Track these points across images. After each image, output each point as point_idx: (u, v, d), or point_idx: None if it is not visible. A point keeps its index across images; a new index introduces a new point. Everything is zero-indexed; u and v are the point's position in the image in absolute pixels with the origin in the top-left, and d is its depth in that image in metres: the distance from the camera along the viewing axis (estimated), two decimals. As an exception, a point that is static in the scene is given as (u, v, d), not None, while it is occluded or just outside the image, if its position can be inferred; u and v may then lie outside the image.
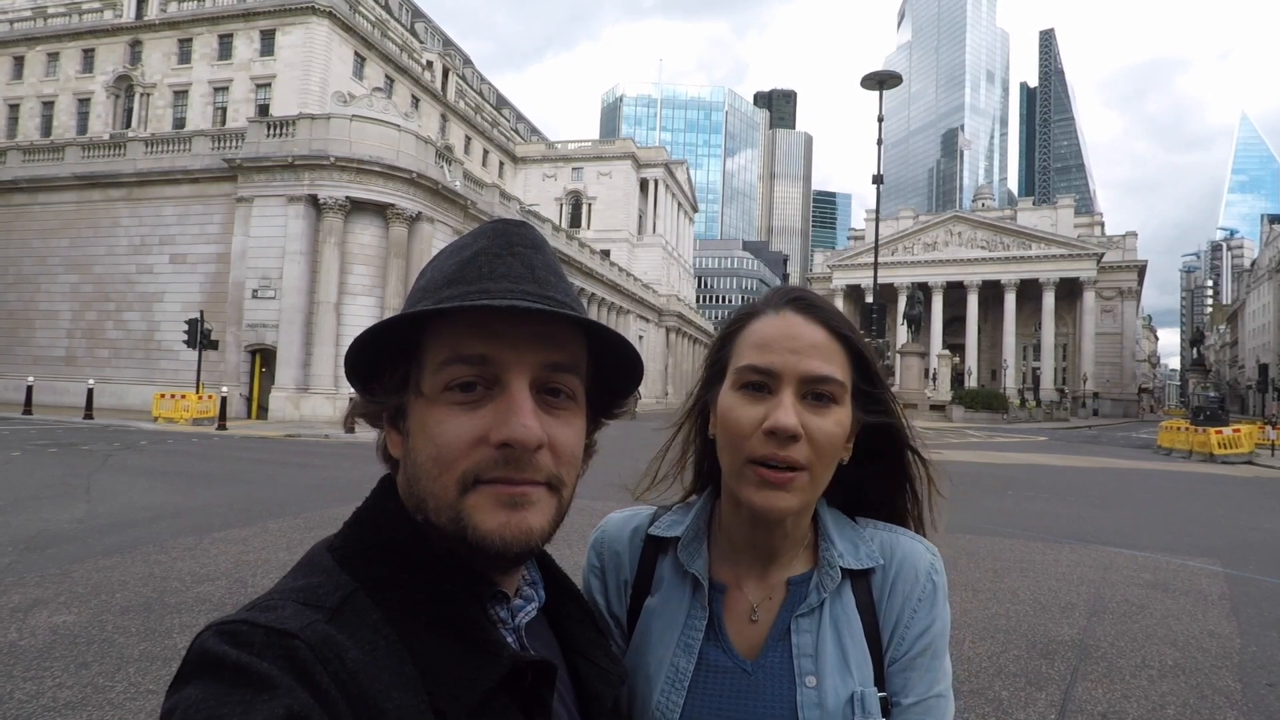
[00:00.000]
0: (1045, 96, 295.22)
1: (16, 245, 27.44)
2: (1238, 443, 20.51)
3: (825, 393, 0.81)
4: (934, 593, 0.83)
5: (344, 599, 0.57)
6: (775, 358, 0.81)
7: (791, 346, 0.81)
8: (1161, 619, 5.15)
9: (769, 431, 0.78)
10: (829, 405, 0.81)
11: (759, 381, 0.81)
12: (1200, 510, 11.01)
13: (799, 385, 0.80)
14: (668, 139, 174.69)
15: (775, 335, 0.83)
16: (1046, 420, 48.26)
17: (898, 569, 0.84)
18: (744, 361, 0.83)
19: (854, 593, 0.84)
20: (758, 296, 0.95)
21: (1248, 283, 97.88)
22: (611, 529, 0.97)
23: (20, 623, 4.24)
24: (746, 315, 0.88)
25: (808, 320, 0.84)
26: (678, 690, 0.83)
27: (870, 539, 0.87)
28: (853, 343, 0.84)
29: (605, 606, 0.94)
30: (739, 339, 0.86)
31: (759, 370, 0.81)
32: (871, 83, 19.16)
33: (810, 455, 0.79)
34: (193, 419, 19.90)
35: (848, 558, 0.84)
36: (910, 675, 0.80)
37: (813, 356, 0.81)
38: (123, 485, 9.43)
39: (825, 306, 0.87)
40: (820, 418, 0.80)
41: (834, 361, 0.82)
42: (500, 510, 0.60)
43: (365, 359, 0.66)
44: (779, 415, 0.78)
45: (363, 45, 43.76)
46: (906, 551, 0.86)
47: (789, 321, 0.84)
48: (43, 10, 48.14)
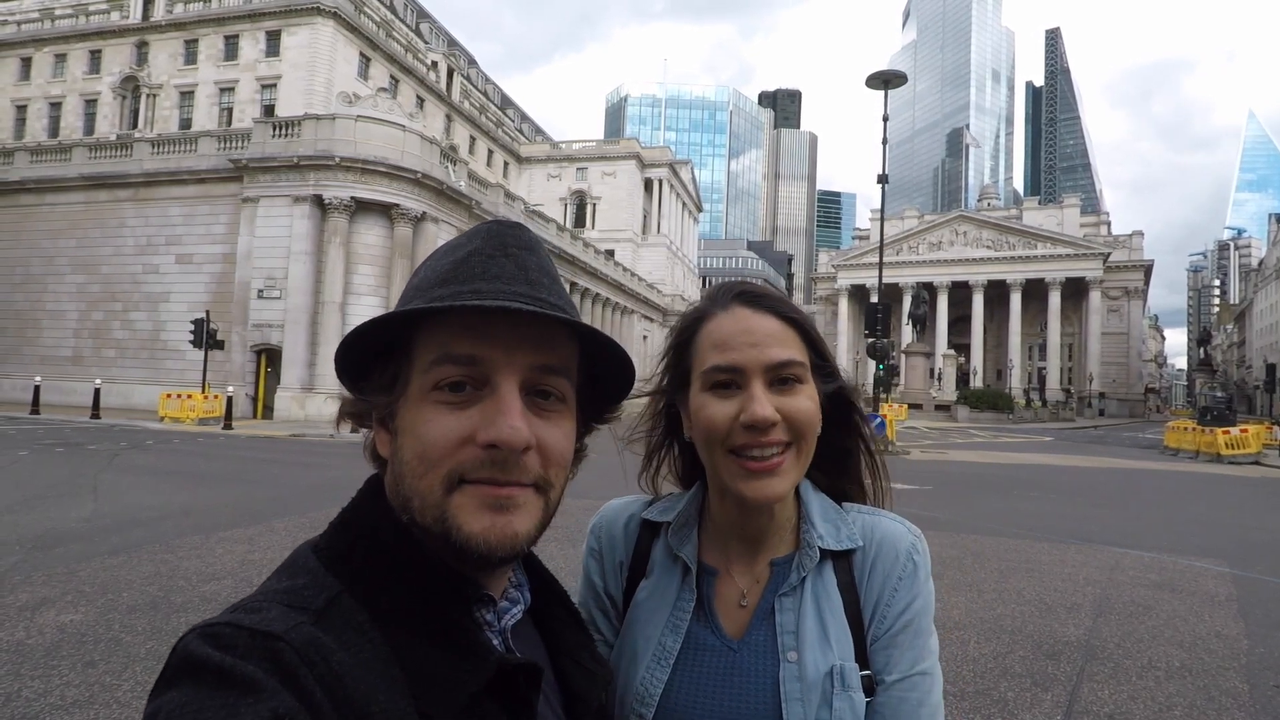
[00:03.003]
0: (1051, 96, 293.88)
1: (24, 245, 27.59)
2: (1245, 443, 20.40)
3: (790, 375, 0.84)
4: (914, 571, 0.85)
5: (329, 601, 0.57)
6: (737, 354, 0.84)
7: (749, 340, 0.84)
8: (1168, 620, 5.13)
9: (747, 425, 0.81)
10: (796, 385, 0.85)
11: (726, 380, 0.84)
12: (1207, 511, 10.96)
13: (765, 374, 0.83)
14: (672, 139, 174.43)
15: (732, 332, 0.85)
16: (1052, 420, 48.09)
17: (878, 548, 0.87)
18: (708, 364, 0.85)
19: (835, 573, 0.86)
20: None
21: (1255, 282, 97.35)
22: (610, 514, 1.00)
23: (28, 621, 4.26)
24: (697, 319, 0.90)
25: (757, 312, 0.87)
26: (662, 667, 0.86)
27: (853, 522, 0.89)
28: (801, 325, 0.88)
29: (602, 588, 0.96)
30: (696, 342, 0.89)
31: (724, 369, 0.84)
32: (876, 82, 19.10)
33: (791, 434, 0.83)
34: (198, 419, 19.99)
35: (828, 539, 0.87)
36: (893, 653, 0.82)
37: (771, 345, 0.84)
38: (129, 485, 9.48)
39: (771, 294, 0.90)
40: (792, 398, 0.83)
41: (791, 345, 0.86)
42: (485, 513, 0.60)
43: (355, 357, 0.65)
44: (754, 408, 0.81)
45: (368, 46, 43.84)
46: (887, 531, 0.88)
47: (740, 316, 0.87)
48: (50, 12, 48.37)
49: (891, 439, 19.18)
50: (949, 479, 13.71)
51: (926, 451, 20.35)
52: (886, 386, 25.36)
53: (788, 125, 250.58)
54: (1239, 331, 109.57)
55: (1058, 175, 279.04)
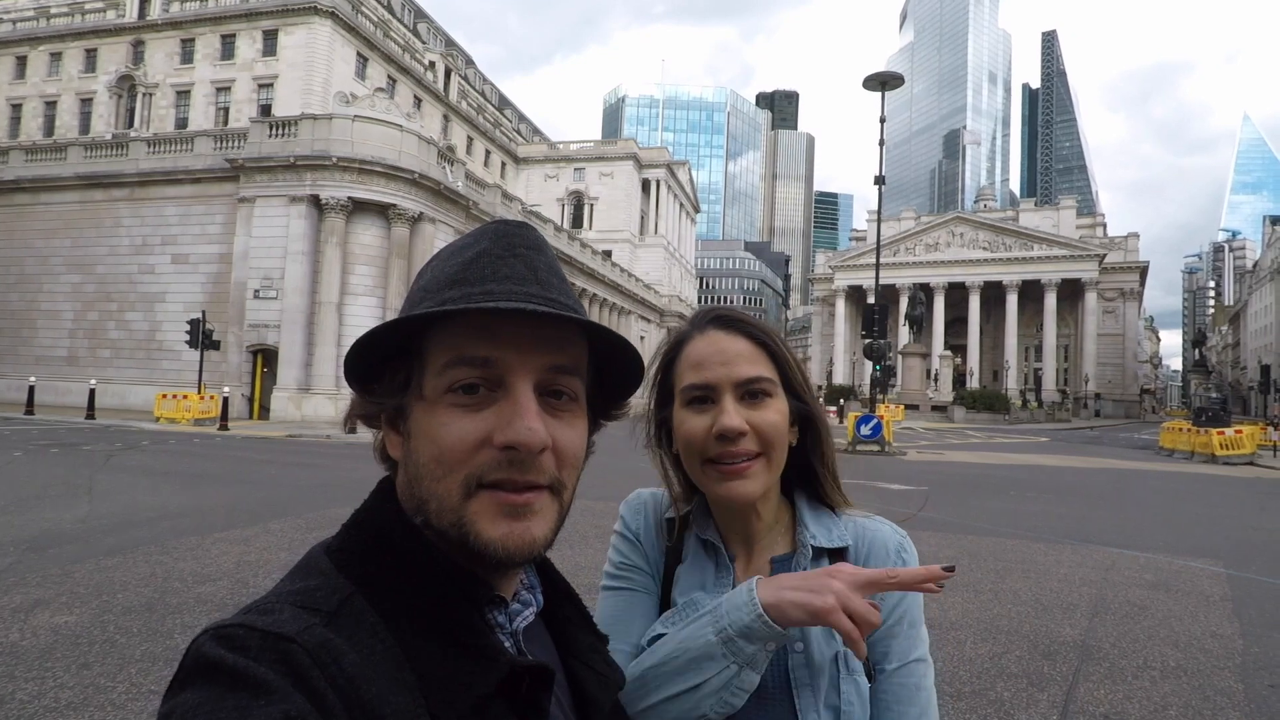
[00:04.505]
0: (1047, 98, 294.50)
1: (19, 245, 27.47)
2: (1240, 444, 20.48)
3: (759, 389, 0.93)
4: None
5: (342, 602, 0.57)
6: (709, 373, 0.94)
7: (721, 359, 0.94)
8: (1163, 620, 5.15)
9: (719, 435, 0.90)
10: (764, 399, 0.93)
11: (701, 395, 0.94)
12: (1202, 511, 10.99)
13: (735, 389, 0.93)
14: (670, 139, 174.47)
15: (706, 353, 0.95)
16: (1048, 421, 48.21)
17: (869, 549, 0.96)
18: (685, 382, 0.95)
19: None
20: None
21: (1250, 284, 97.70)
22: (643, 497, 1.08)
23: (22, 623, 4.24)
24: (678, 342, 1.00)
25: (729, 334, 0.96)
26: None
27: (845, 526, 0.98)
28: (770, 345, 0.97)
29: (642, 553, 1.02)
30: (678, 364, 0.98)
31: (699, 387, 0.94)
32: (874, 84, 19.13)
33: (759, 444, 0.92)
34: (194, 419, 19.93)
35: (820, 538, 0.96)
36: (890, 643, 0.91)
37: (740, 363, 0.94)
38: (124, 485, 9.45)
39: (744, 319, 0.99)
40: (760, 411, 0.93)
41: (759, 364, 0.95)
42: (503, 520, 0.61)
43: (365, 360, 0.65)
44: (723, 420, 0.90)
45: (365, 45, 43.78)
46: (877, 533, 0.97)
47: (714, 339, 0.96)
48: (45, 10, 48.22)
49: (888, 440, 19.24)
50: (945, 480, 13.74)
51: (923, 452, 20.38)
52: (883, 387, 25.41)
53: (785, 126, 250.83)
54: (1234, 333, 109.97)
55: (1054, 177, 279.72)
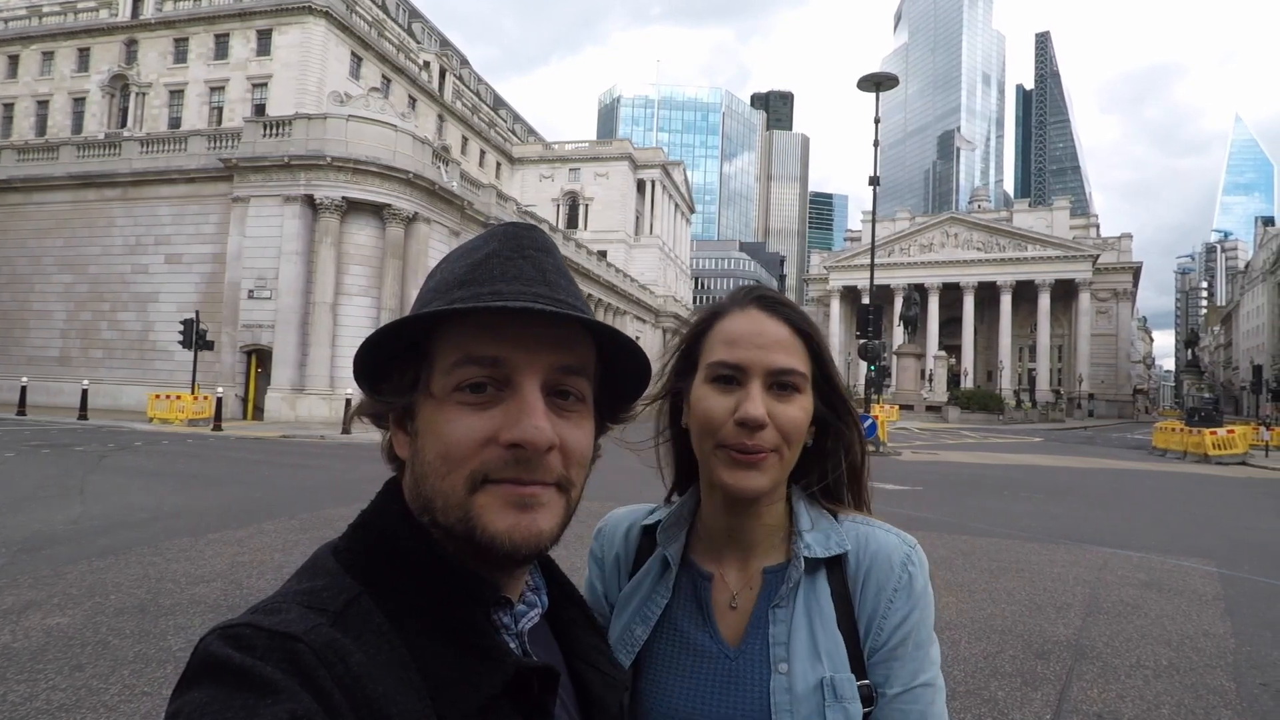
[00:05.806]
0: (1041, 99, 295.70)
1: (11, 245, 27.31)
2: (1232, 443, 20.61)
3: (789, 383, 0.86)
4: (909, 583, 0.86)
5: (348, 603, 0.57)
6: (743, 353, 0.86)
7: (758, 342, 0.87)
8: (1156, 619, 5.17)
9: (740, 422, 0.84)
10: (793, 394, 0.87)
11: (729, 375, 0.87)
12: (1195, 511, 11.05)
13: (765, 377, 0.86)
14: (665, 140, 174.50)
15: (743, 332, 0.88)
16: (1042, 421, 48.40)
17: (871, 560, 0.87)
18: (715, 357, 0.88)
19: (829, 583, 0.87)
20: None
21: (1242, 284, 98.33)
22: (613, 520, 1.03)
23: (14, 625, 4.22)
24: (714, 313, 0.93)
25: (772, 317, 0.89)
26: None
27: (845, 530, 0.90)
28: (812, 339, 0.91)
29: (602, 592, 0.98)
30: (709, 335, 0.91)
31: (729, 365, 0.87)
32: (868, 85, 19.18)
33: (777, 439, 0.85)
34: (188, 420, 19.84)
35: (815, 548, 0.88)
36: (893, 665, 0.83)
37: (777, 351, 0.87)
38: (117, 486, 9.40)
39: (788, 304, 0.92)
40: (786, 405, 0.86)
41: (796, 355, 0.88)
42: (510, 511, 0.61)
43: (374, 359, 0.66)
44: (748, 406, 0.83)
45: (359, 45, 43.67)
46: (880, 544, 0.88)
47: (755, 319, 0.89)
48: (38, 9, 47.91)
49: (883, 440, 19.28)
50: (940, 479, 13.77)
51: (918, 452, 20.44)
52: (878, 387, 25.48)
53: (780, 127, 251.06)
54: (1226, 333, 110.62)
55: (1047, 178, 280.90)
